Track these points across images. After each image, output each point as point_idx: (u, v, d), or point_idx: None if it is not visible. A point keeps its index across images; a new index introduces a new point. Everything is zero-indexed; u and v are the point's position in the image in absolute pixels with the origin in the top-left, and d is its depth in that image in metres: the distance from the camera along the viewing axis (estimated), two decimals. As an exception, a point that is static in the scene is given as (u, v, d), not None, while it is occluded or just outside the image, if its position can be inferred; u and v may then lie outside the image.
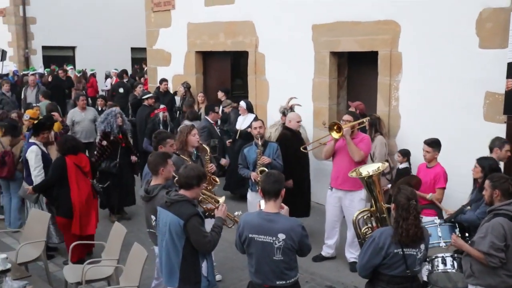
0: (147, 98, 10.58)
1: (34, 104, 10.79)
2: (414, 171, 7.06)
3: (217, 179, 6.38)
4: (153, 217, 4.92)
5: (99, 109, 11.17)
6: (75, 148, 6.85)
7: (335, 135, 6.42)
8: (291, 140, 7.42)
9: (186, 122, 9.32)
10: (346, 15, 8.56)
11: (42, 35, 19.36)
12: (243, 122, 9.33)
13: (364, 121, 6.89)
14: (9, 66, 18.42)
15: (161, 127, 9.40)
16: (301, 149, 7.30)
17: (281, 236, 3.98)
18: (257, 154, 6.90)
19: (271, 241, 4.00)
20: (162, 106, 9.78)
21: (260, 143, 6.90)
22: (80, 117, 10.37)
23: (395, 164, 7.86)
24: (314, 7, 9.01)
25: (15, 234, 7.61)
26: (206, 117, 8.57)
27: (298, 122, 7.67)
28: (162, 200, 4.52)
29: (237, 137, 9.30)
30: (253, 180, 6.87)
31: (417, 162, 6.89)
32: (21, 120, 9.35)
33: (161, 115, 9.55)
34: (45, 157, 7.12)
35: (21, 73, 16.81)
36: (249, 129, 8.24)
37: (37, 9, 19.04)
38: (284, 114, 8.61)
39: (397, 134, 8.20)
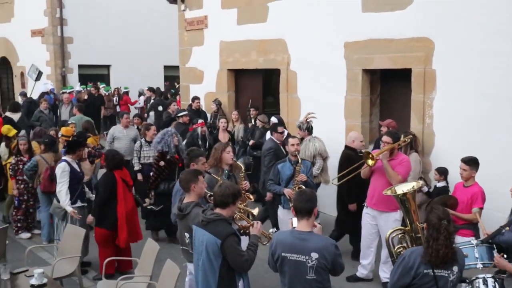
0: (182, 116, 10.69)
1: (70, 121, 10.99)
2: (452, 189, 6.92)
3: (251, 196, 6.39)
4: (186, 235, 4.94)
5: (135, 127, 11.23)
6: (121, 163, 7.05)
7: (370, 162, 6.33)
8: (355, 160, 7.09)
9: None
10: (379, 33, 8.53)
11: (78, 54, 19.84)
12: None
13: (406, 140, 6.78)
14: (48, 85, 18.92)
15: (200, 142, 9.50)
16: (332, 182, 7.14)
17: (314, 255, 3.95)
18: (295, 171, 6.86)
19: (304, 260, 3.97)
20: (200, 121, 9.86)
21: (299, 160, 6.87)
22: (121, 134, 10.23)
23: (429, 182, 7.74)
24: (347, 25, 9.01)
25: (51, 249, 7.75)
26: (271, 137, 8.38)
27: (362, 142, 7.47)
28: (196, 218, 4.53)
29: None
30: (287, 197, 6.82)
31: (454, 181, 6.75)
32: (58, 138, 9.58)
33: (199, 130, 9.64)
34: (76, 174, 7.19)
35: (61, 92, 17.16)
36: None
37: (74, 29, 19.55)
38: (300, 128, 8.58)
39: (431, 152, 8.06)
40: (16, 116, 12.78)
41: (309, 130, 8.47)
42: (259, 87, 11.72)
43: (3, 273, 5.39)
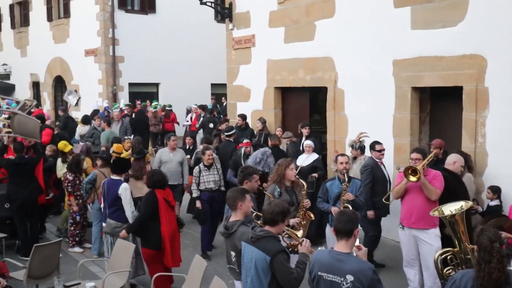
0: (231, 134, 10.80)
1: (126, 137, 11.24)
2: (505, 210, 6.70)
3: (312, 215, 6.36)
4: (232, 253, 4.96)
5: (187, 147, 11.05)
6: (163, 182, 6.94)
7: (412, 178, 6.22)
8: (451, 184, 6.54)
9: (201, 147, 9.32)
10: (428, 50, 8.41)
11: (129, 72, 20.43)
12: (305, 160, 9.26)
13: (432, 156, 6.67)
14: (98, 102, 19.55)
15: (243, 161, 9.55)
16: (383, 200, 7.16)
17: (349, 277, 3.87)
18: (342, 189, 6.84)
19: (339, 281, 3.90)
20: (245, 141, 9.96)
21: (346, 179, 6.84)
22: (168, 158, 9.88)
23: (482, 202, 7.51)
24: (395, 42, 8.93)
25: (100, 263, 7.92)
26: (371, 155, 8.15)
27: (463, 166, 7.03)
28: (243, 236, 4.55)
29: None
30: (334, 215, 6.77)
31: (508, 202, 6.54)
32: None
33: (243, 149, 9.72)
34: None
35: (120, 108, 17.63)
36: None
37: (125, 48, 20.16)
38: (352, 147, 8.53)
39: (484, 172, 7.83)
40: (85, 129, 13.76)
41: (362, 149, 8.47)
42: (306, 105, 11.70)
43: (57, 285, 5.58)
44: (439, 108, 8.91)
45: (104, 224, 7.50)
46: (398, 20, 8.88)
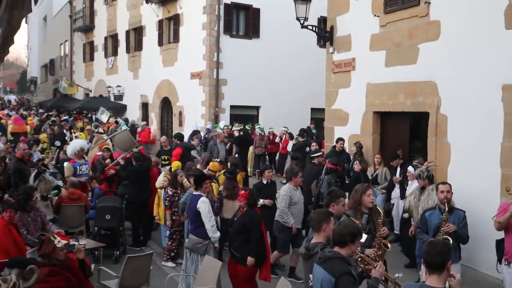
0: (316, 156, 10.68)
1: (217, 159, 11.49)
2: None
3: (388, 244, 6.01)
4: (311, 277, 4.78)
5: None
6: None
7: None
8: None
9: None
10: (543, 74, 7.76)
11: (231, 95, 21.01)
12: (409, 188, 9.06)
13: None
14: (198, 123, 20.24)
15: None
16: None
17: None
18: (442, 220, 6.42)
19: None
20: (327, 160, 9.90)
21: (446, 209, 6.41)
22: (298, 198, 8.43)
23: None
24: (505, 67, 8.34)
25: (189, 279, 8.03)
26: None
27: None
28: (322, 259, 4.41)
29: None
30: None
31: None
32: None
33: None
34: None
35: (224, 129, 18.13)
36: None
37: (228, 72, 20.78)
38: (419, 177, 8.14)
39: None
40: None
41: (429, 179, 7.99)
42: (406, 131, 11.26)
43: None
44: (555, 137, 8.16)
45: (187, 240, 7.61)
46: (509, 43, 8.30)
